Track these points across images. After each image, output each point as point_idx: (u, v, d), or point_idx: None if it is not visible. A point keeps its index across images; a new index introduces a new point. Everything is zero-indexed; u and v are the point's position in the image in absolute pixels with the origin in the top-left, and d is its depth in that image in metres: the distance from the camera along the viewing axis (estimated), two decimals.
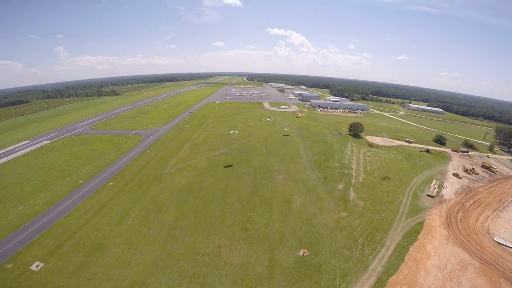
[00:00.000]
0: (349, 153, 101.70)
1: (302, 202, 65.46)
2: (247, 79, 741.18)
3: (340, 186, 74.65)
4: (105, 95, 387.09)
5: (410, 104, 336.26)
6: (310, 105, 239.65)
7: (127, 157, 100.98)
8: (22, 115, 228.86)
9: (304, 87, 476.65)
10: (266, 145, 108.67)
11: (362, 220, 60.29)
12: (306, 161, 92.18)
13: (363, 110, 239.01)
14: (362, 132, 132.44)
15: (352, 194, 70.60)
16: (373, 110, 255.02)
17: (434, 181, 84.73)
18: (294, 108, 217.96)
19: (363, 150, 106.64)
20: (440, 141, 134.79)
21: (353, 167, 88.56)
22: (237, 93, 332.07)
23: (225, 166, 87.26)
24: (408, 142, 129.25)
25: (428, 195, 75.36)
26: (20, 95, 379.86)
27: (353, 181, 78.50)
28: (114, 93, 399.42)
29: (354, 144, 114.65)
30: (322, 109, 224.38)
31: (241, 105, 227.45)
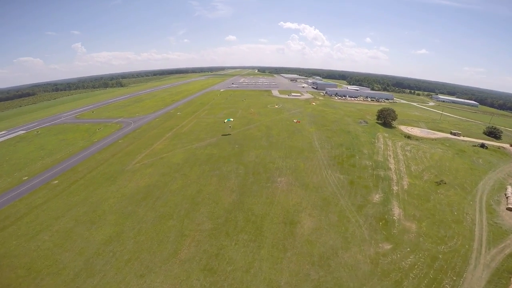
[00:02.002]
0: (382, 146, 74.55)
1: (315, 224, 40.24)
2: (258, 71, 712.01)
3: (377, 197, 48.58)
4: (110, 87, 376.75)
5: (439, 96, 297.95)
6: (326, 93, 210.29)
7: (93, 148, 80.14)
8: (20, 106, 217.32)
9: (318, 77, 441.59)
10: (269, 135, 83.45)
11: (417, 257, 35.27)
12: (322, 156, 66.22)
13: (387, 99, 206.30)
14: (394, 120, 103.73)
15: (396, 211, 44.50)
16: (398, 99, 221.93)
17: (509, 188, 57.18)
18: (307, 96, 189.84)
19: (400, 143, 78.92)
20: (493, 134, 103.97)
21: (391, 166, 61.72)
22: (245, 82, 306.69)
23: (206, 162, 63.12)
24: (454, 134, 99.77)
25: (509, 209, 48.97)
26: (31, 89, 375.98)
27: (395, 188, 52.06)
28: (120, 85, 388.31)
29: (386, 135, 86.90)
30: (339, 97, 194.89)
31: (246, 92, 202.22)
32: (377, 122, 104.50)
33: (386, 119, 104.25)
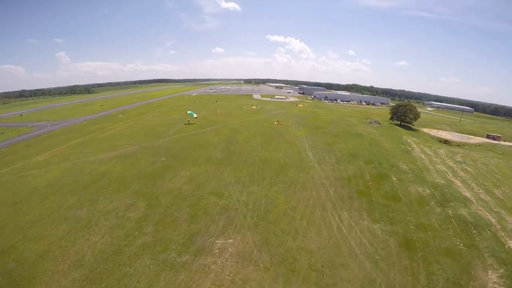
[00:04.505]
0: (423, 156, 43.71)
1: None
2: (244, 81, 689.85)
3: (493, 279, 16.16)
4: (78, 93, 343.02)
5: (433, 102, 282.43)
6: (314, 96, 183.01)
7: None
8: None
9: (305, 86, 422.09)
10: (230, 141, 50.95)
11: None
12: (323, 178, 34.29)
13: (383, 104, 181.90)
14: (416, 120, 74.79)
15: None
16: (393, 104, 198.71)
17: None
18: (293, 99, 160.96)
19: (442, 151, 48.88)
20: None
21: (466, 193, 30.37)
22: (225, 88, 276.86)
23: (83, 189, 29.46)
24: (493, 138, 72.18)
25: None
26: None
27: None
28: (88, 92, 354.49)
29: (415, 139, 56.96)
30: (330, 101, 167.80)
31: (222, 96, 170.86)
32: (390, 123, 75.06)
33: (404, 118, 75.26)
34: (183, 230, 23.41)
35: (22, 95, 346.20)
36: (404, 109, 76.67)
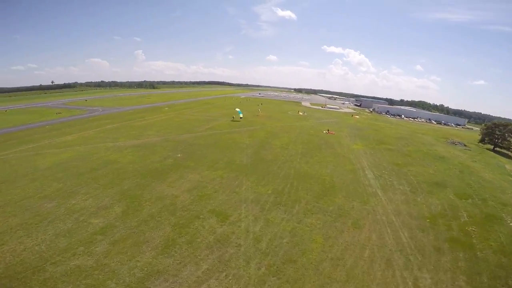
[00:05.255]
0: None
1: None
2: (294, 90, 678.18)
3: None
4: (144, 87, 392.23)
5: None
6: (374, 110, 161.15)
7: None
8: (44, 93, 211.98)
9: (363, 98, 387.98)
10: (264, 145, 41.53)
11: None
12: (391, 214, 21.78)
13: (458, 125, 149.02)
14: None
15: None
16: (470, 127, 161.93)
17: None
18: (348, 110, 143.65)
19: None
20: None
21: None
22: (274, 94, 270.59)
23: (84, 174, 23.59)
24: None
25: None
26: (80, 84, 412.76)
27: None
28: (152, 87, 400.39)
29: None
30: (392, 116, 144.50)
31: (269, 100, 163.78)
32: (481, 147, 55.45)
33: (501, 142, 54.90)
34: (142, 263, 14.84)
35: (100, 85, 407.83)
36: (503, 129, 55.87)
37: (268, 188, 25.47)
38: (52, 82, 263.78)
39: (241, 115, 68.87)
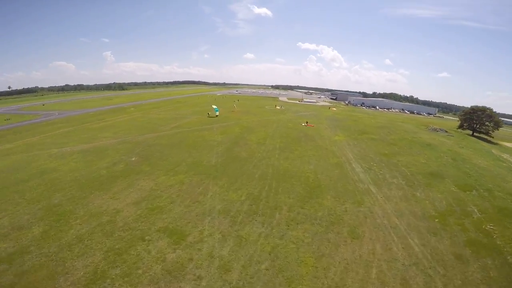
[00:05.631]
0: None
1: None
2: (272, 87, 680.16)
3: None
4: (112, 90, 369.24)
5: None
6: (349, 102, 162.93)
7: None
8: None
9: (338, 91, 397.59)
10: (238, 141, 36.30)
11: None
12: (393, 215, 17.76)
13: (430, 114, 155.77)
14: (496, 130, 54.50)
15: None
16: (440, 115, 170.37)
17: None
18: (324, 104, 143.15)
19: None
20: None
21: None
22: (252, 91, 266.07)
23: None
24: None
25: None
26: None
27: None
28: (121, 88, 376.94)
29: (508, 155, 37.31)
30: (367, 108, 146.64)
31: (246, 97, 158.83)
32: (462, 132, 55.22)
33: (479, 127, 55.09)
34: None
35: (64, 89, 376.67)
36: (481, 115, 56.22)
37: (241, 193, 20.41)
38: (9, 88, 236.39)
39: (217, 113, 63.33)
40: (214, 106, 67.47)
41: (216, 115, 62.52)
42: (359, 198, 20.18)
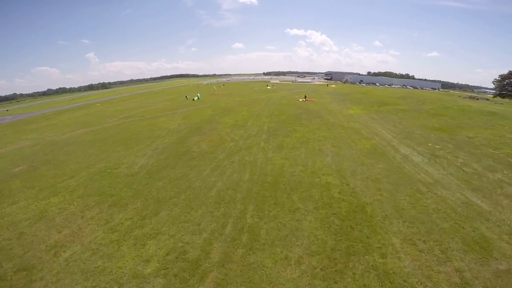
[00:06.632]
0: None
1: None
2: (264, 74, 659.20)
3: None
4: (95, 90, 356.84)
5: (487, 90, 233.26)
6: (346, 80, 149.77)
7: None
8: None
9: (332, 71, 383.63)
10: (204, 127, 23.31)
11: None
12: None
13: (434, 89, 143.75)
14: None
15: None
16: (444, 90, 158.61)
17: None
18: (320, 83, 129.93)
19: None
20: None
21: None
22: (243, 78, 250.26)
23: None
24: None
25: None
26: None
27: None
28: (104, 87, 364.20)
29: None
30: (367, 84, 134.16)
31: (235, 83, 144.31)
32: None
33: None
34: None
35: (46, 93, 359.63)
36: None
37: (157, 258, 7.93)
38: None
39: (194, 98, 50.40)
40: (198, 94, 55.06)
41: (193, 100, 49.48)
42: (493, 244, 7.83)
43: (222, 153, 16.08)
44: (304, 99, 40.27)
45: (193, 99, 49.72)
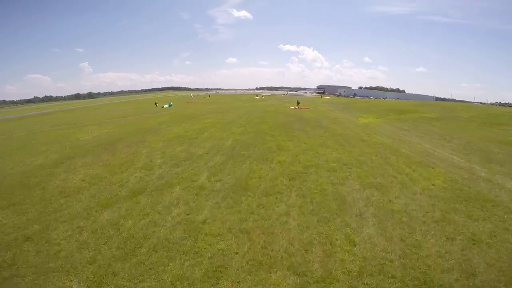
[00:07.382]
0: None
1: None
2: (256, 89, 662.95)
3: None
4: (81, 99, 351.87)
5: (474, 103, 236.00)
6: (340, 94, 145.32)
7: None
8: None
9: (324, 85, 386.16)
10: (140, 135, 14.37)
11: None
12: None
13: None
14: None
15: None
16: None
17: None
18: (311, 96, 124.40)
19: None
20: None
21: None
22: (231, 91, 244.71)
23: None
24: None
25: None
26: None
27: None
28: (91, 97, 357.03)
29: None
30: (361, 98, 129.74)
31: (224, 95, 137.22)
32: None
33: None
34: None
35: (31, 101, 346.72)
36: None
37: None
38: None
39: (164, 106, 42.00)
40: (171, 102, 47.18)
41: (163, 107, 40.71)
42: None
43: (91, 200, 7.03)
44: (296, 107, 32.12)
45: (162, 107, 41.19)
